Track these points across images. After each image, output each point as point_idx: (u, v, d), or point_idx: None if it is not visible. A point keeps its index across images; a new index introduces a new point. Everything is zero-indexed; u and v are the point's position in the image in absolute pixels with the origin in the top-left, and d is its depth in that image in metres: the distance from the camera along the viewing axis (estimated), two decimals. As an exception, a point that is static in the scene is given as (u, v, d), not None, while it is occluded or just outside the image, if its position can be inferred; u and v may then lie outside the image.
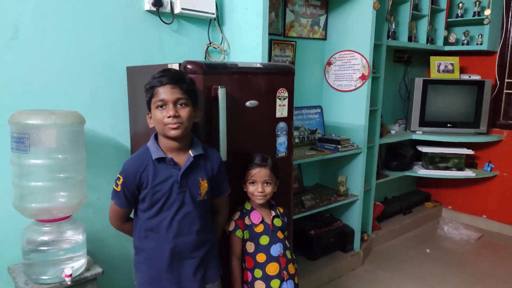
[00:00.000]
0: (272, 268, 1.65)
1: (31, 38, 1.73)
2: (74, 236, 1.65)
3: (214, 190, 1.50)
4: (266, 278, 1.64)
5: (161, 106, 1.32)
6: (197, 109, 1.41)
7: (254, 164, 1.66)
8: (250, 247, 1.67)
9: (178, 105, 1.33)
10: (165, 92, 1.31)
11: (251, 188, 1.67)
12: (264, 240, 1.66)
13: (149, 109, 1.38)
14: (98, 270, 1.69)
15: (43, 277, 1.57)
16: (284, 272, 1.66)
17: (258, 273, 1.65)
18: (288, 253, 1.71)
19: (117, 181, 1.39)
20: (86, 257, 1.71)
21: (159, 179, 1.36)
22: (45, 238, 1.58)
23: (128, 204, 1.43)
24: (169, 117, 1.30)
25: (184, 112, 1.33)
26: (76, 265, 1.63)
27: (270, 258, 1.65)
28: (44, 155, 1.54)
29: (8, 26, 1.67)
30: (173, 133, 1.32)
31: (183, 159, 1.39)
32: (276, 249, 1.66)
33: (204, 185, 1.42)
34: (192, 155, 1.39)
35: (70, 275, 1.56)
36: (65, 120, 1.55)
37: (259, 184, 1.65)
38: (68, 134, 1.58)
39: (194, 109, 1.38)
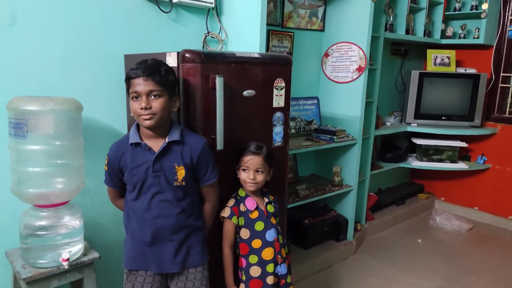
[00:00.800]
0: (268, 253, 1.68)
1: (29, 24, 1.72)
2: (72, 221, 1.67)
3: (197, 178, 1.52)
4: (262, 263, 1.68)
5: (136, 98, 1.36)
6: (175, 98, 1.45)
7: (248, 151, 1.68)
8: (245, 233, 1.70)
9: (152, 97, 1.36)
10: (138, 84, 1.34)
11: (243, 175, 1.69)
12: (259, 226, 1.70)
13: (128, 99, 1.42)
14: (95, 255, 1.72)
15: (41, 261, 1.59)
16: (278, 256, 1.71)
17: (253, 258, 1.69)
18: (280, 237, 1.76)
19: (105, 161, 1.49)
20: (83, 242, 1.74)
21: (136, 163, 1.43)
22: (43, 223, 1.60)
23: (113, 184, 1.52)
24: (141, 108, 1.34)
25: (156, 103, 1.36)
26: (74, 250, 1.65)
27: (266, 244, 1.69)
28: (42, 141, 1.55)
29: (5, 12, 1.66)
30: (146, 123, 1.37)
31: (159, 145, 1.43)
32: (271, 234, 1.70)
33: (181, 171, 1.44)
34: (167, 141, 1.43)
35: (68, 260, 1.59)
36: (63, 106, 1.56)
37: (251, 171, 1.67)
38: (65, 121, 1.59)
39: (171, 98, 1.41)
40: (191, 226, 1.50)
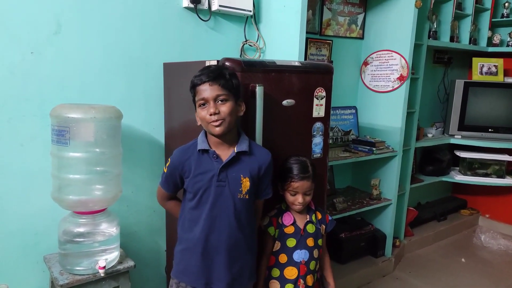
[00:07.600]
0: (290, 272, 1.61)
1: (72, 33, 1.76)
2: (109, 229, 1.67)
3: (257, 191, 1.46)
4: (282, 280, 1.61)
5: (203, 104, 1.33)
6: (240, 102, 1.40)
7: (296, 177, 1.59)
8: (277, 246, 1.64)
9: (219, 101, 1.32)
10: (204, 90, 1.31)
11: (291, 198, 1.61)
12: (291, 242, 1.63)
13: (195, 108, 1.39)
14: (130, 263, 1.71)
15: (78, 268, 1.60)
16: (301, 280, 1.61)
17: (275, 272, 1.63)
18: (312, 264, 1.64)
19: (166, 163, 1.44)
20: (119, 250, 1.73)
21: (200, 170, 1.37)
22: (81, 229, 1.61)
23: (168, 187, 1.46)
24: (210, 114, 1.31)
25: (224, 107, 1.32)
26: (110, 257, 1.65)
27: (290, 262, 1.61)
28: (83, 148, 1.56)
29: (51, 20, 1.70)
30: (216, 130, 1.32)
31: (227, 154, 1.38)
32: (299, 255, 1.62)
33: (246, 183, 1.39)
34: (235, 151, 1.38)
35: (104, 268, 1.58)
36: (104, 114, 1.57)
37: (300, 195, 1.59)
38: (106, 129, 1.60)
39: (237, 103, 1.37)
40: (246, 244, 1.44)
